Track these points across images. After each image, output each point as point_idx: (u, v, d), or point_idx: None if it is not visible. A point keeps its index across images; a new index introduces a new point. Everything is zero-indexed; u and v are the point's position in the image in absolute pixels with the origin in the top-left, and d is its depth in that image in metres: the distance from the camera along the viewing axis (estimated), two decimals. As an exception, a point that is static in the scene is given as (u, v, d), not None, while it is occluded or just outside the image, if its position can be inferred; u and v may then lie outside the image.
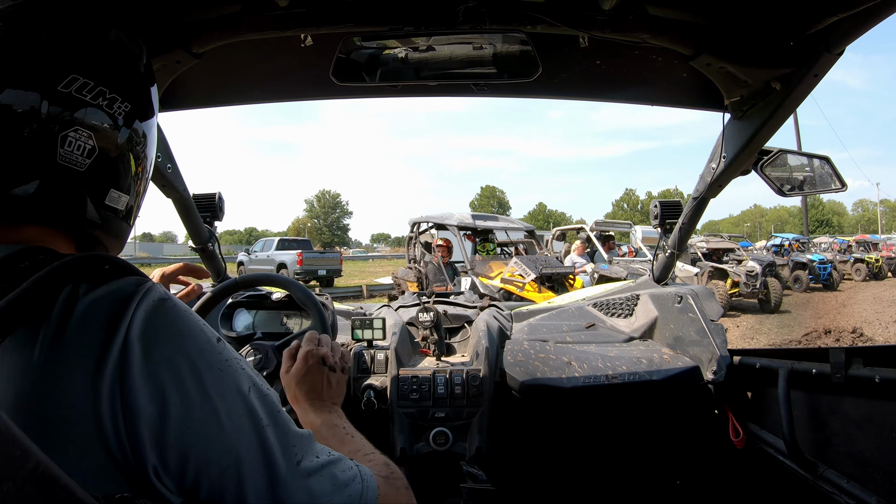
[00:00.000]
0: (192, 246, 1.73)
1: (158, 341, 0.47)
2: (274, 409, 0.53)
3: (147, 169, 0.63)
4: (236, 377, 0.51)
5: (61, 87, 0.51)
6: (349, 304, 2.24)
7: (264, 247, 17.60)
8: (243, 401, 0.50)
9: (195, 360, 0.48)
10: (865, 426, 1.03)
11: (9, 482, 0.28)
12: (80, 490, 0.32)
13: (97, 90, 0.53)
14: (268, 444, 0.50)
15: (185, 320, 0.50)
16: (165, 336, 0.48)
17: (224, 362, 0.51)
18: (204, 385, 0.48)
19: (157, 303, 0.49)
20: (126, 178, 0.58)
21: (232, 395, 0.49)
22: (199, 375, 0.48)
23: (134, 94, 0.58)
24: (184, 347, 0.48)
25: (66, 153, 0.51)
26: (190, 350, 0.49)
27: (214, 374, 0.49)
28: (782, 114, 1.15)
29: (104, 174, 0.55)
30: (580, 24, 1.00)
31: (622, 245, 12.13)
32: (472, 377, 1.43)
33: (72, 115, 0.51)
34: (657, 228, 1.75)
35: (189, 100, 1.36)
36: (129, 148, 0.58)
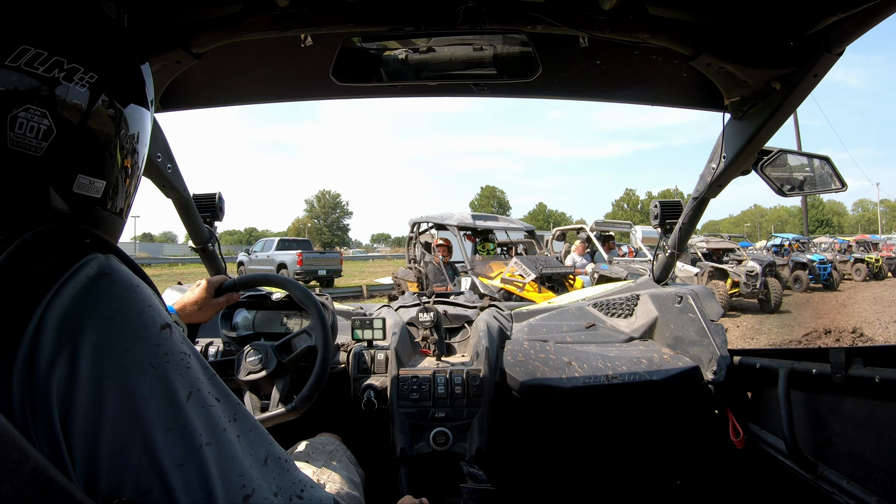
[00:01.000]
0: (192, 246, 1.73)
1: (77, 327, 0.39)
2: (218, 426, 0.43)
3: (137, 159, 0.57)
4: (171, 379, 0.41)
5: (9, 62, 0.44)
6: (349, 304, 2.23)
7: (264, 247, 17.59)
8: (175, 410, 0.40)
9: (120, 354, 0.40)
10: (865, 426, 1.02)
11: (7, 485, 0.28)
12: (79, 492, 0.32)
13: (52, 61, 0.45)
14: (204, 470, 0.40)
15: (122, 300, 0.42)
16: (88, 320, 0.40)
17: (160, 357, 0.42)
18: (127, 384, 0.39)
19: (92, 279, 0.42)
20: (99, 159, 0.51)
21: (160, 402, 0.40)
22: (122, 372, 0.39)
23: (102, 62, 0.50)
24: (110, 336, 0.40)
25: (18, 137, 0.44)
26: (117, 339, 0.40)
27: (142, 372, 0.40)
28: (782, 114, 1.15)
29: (67, 157, 0.48)
30: (580, 24, 1.00)
31: (622, 245, 12.13)
32: (472, 377, 1.43)
33: (21, 93, 0.44)
34: (657, 228, 1.75)
35: (189, 100, 1.36)
36: (103, 126, 0.50)
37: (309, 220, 65.67)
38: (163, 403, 0.40)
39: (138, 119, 0.56)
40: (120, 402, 0.39)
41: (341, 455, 1.23)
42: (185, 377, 0.43)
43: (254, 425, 0.47)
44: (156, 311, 0.44)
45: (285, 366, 1.22)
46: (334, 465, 1.15)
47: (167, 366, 0.42)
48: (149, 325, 0.43)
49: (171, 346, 0.43)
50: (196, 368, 0.44)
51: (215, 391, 0.45)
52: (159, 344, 0.42)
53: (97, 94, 0.49)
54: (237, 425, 0.45)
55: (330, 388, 1.34)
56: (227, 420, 0.44)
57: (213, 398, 0.44)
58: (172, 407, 0.41)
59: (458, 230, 7.85)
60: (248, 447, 0.44)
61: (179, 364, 0.43)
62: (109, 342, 0.40)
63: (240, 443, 0.44)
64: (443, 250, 7.23)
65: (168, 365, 0.42)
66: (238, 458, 0.42)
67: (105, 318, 0.41)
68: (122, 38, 0.54)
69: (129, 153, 0.55)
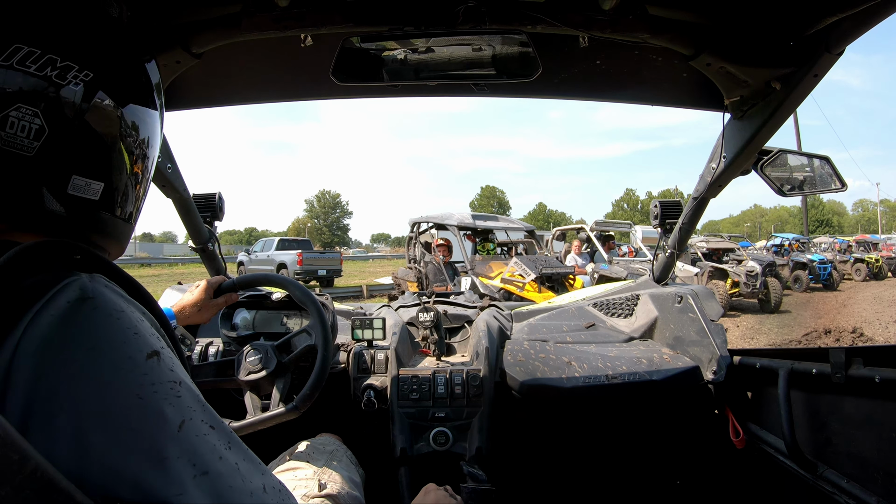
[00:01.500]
0: (192, 246, 1.73)
1: (55, 359, 0.37)
2: (214, 454, 0.40)
3: (143, 161, 0.56)
4: (161, 409, 0.39)
5: (1, 61, 0.43)
6: (349, 304, 2.23)
7: (264, 247, 17.59)
8: (167, 441, 0.38)
9: (103, 386, 0.38)
10: (865, 426, 1.02)
11: (7, 486, 0.28)
12: (79, 493, 0.32)
13: (45, 59, 0.45)
14: (203, 501, 0.38)
15: (103, 328, 0.40)
16: (66, 351, 0.38)
17: (147, 388, 0.39)
18: (112, 418, 0.37)
19: (73, 304, 0.40)
20: (95, 160, 0.49)
21: (150, 434, 0.38)
22: (106, 406, 0.37)
23: (98, 60, 0.49)
24: (90, 367, 0.38)
25: (9, 136, 0.44)
26: (98, 371, 0.38)
27: (128, 404, 0.38)
28: (782, 114, 1.15)
29: (60, 157, 0.47)
30: (580, 24, 1.00)
31: (622, 245, 12.14)
32: (472, 377, 1.43)
33: (12, 92, 0.44)
34: (657, 228, 1.75)
35: (189, 100, 1.36)
36: (100, 125, 0.49)
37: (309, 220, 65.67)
38: (154, 435, 0.38)
39: (143, 119, 0.55)
40: (106, 438, 0.36)
41: (342, 455, 1.23)
42: (175, 406, 0.40)
43: (247, 453, 0.45)
44: (141, 339, 0.42)
45: (286, 365, 1.22)
46: (335, 464, 1.15)
47: (155, 396, 0.39)
48: (133, 354, 0.40)
49: (159, 375, 0.41)
50: (187, 397, 0.42)
51: (208, 419, 0.43)
52: (145, 374, 0.40)
53: (92, 93, 0.48)
54: (233, 453, 0.43)
55: (330, 388, 1.34)
56: (223, 448, 0.42)
57: (206, 426, 0.42)
58: (164, 438, 0.38)
59: (458, 230, 7.85)
60: (247, 475, 0.43)
61: (169, 393, 0.40)
62: (90, 375, 0.38)
63: (238, 470, 0.42)
64: (443, 250, 7.23)
65: (156, 395, 0.40)
66: (237, 487, 0.40)
67: (85, 348, 0.39)
68: (123, 37, 0.53)
69: (133, 155, 0.54)
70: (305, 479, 1.06)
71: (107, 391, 0.38)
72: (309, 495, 1.00)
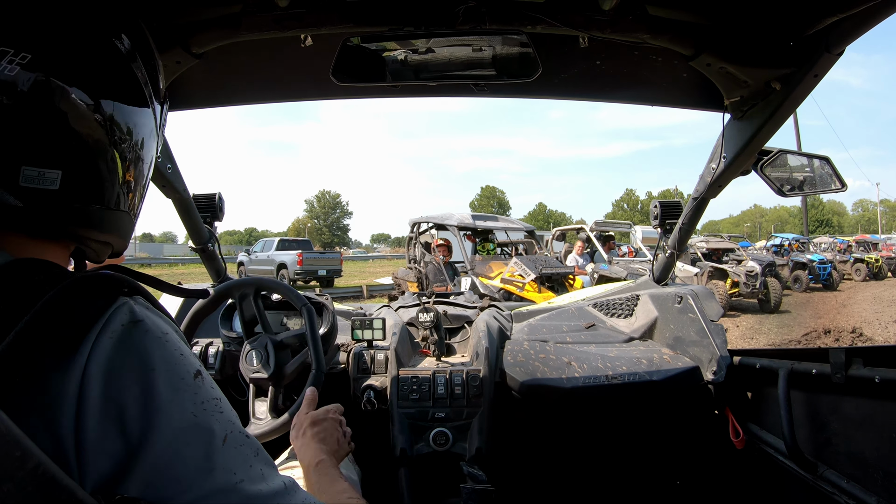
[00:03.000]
0: (192, 246, 1.73)
1: (122, 382, 0.40)
2: (247, 462, 0.45)
3: (127, 149, 0.52)
4: (210, 425, 0.44)
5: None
6: (349, 304, 2.24)
7: (264, 247, 17.58)
8: (216, 454, 0.43)
9: (165, 405, 0.41)
10: (865, 426, 1.03)
11: (9, 483, 0.28)
12: (81, 490, 0.32)
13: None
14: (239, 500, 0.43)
15: (158, 350, 0.44)
16: (131, 373, 0.41)
17: (199, 406, 0.43)
18: (174, 436, 0.41)
19: (126, 327, 0.42)
20: (46, 148, 0.46)
21: (203, 448, 0.42)
22: (168, 424, 0.41)
23: (44, 39, 0.45)
24: (153, 389, 0.41)
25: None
26: (160, 391, 0.42)
27: (186, 422, 0.42)
28: (782, 114, 1.15)
29: (4, 148, 0.44)
30: (580, 24, 1.00)
31: (622, 245, 12.14)
32: (472, 377, 1.43)
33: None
34: (657, 229, 1.75)
35: (189, 100, 1.36)
36: (51, 110, 0.46)
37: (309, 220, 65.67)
38: (206, 449, 0.42)
39: (117, 100, 0.51)
40: (168, 453, 0.40)
41: None
42: (220, 422, 0.45)
43: (267, 458, 0.49)
44: (187, 360, 0.45)
45: (282, 375, 1.23)
46: None
47: (205, 413, 0.44)
48: (184, 375, 0.44)
49: (206, 392, 0.45)
50: (227, 411, 0.46)
51: (242, 429, 0.47)
52: (196, 392, 0.44)
53: (33, 77, 0.44)
54: (258, 460, 0.47)
55: (330, 389, 1.34)
56: (252, 456, 0.46)
57: (243, 437, 0.47)
58: (213, 451, 0.43)
59: (458, 230, 7.86)
60: (269, 478, 0.47)
61: (214, 410, 0.45)
62: (153, 395, 0.41)
63: (263, 476, 0.46)
64: (443, 250, 7.24)
65: (206, 412, 0.44)
66: (265, 491, 0.45)
67: (147, 370, 0.42)
68: (73, 14, 0.48)
69: (109, 140, 0.50)
70: (301, 478, 1.06)
71: (169, 410, 0.42)
72: None
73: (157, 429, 0.41)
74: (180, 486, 0.40)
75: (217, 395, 0.46)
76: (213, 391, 0.46)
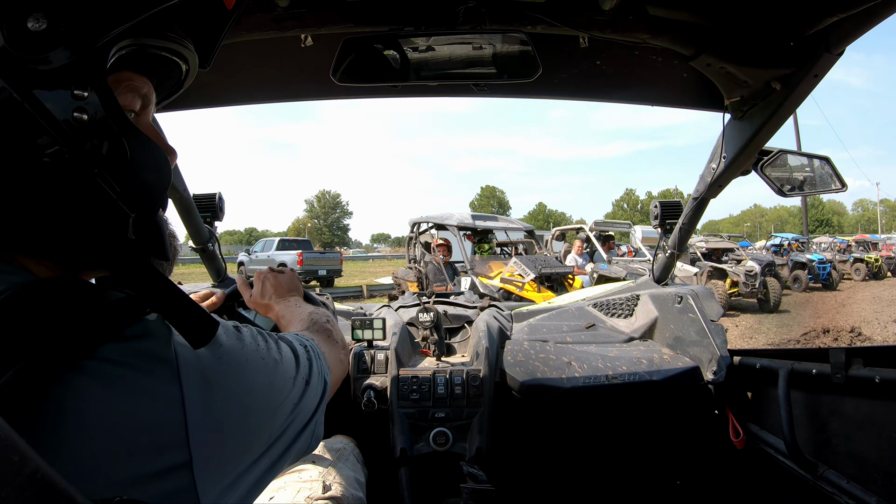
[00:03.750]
0: (192, 246, 1.73)
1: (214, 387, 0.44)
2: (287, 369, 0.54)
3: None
4: (287, 373, 0.52)
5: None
6: (349, 304, 2.23)
7: (265, 247, 17.59)
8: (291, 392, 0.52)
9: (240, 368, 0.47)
10: (865, 426, 1.03)
11: (7, 488, 0.28)
12: (80, 496, 0.32)
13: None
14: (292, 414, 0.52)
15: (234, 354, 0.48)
16: (223, 379, 0.45)
17: (275, 364, 0.51)
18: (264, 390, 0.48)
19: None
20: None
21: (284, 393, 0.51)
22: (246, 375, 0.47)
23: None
24: (238, 390, 0.46)
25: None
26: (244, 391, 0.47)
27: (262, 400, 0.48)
28: (782, 114, 1.15)
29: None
30: (580, 24, 1.00)
31: (621, 245, 12.15)
32: (472, 377, 1.43)
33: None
34: (657, 229, 1.75)
35: (189, 100, 1.35)
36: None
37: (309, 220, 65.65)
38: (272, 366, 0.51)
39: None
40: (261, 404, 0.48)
41: (349, 454, 1.24)
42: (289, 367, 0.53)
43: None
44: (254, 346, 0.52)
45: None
46: (341, 465, 1.16)
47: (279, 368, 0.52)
48: (240, 337, 0.50)
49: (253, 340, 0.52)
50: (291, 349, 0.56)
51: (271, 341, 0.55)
52: (251, 344, 0.51)
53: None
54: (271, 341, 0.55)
55: None
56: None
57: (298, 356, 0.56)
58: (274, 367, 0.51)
59: (457, 230, 7.86)
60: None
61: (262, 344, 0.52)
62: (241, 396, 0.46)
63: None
64: (443, 250, 7.24)
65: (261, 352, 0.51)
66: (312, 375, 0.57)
67: (232, 370, 0.46)
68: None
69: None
70: (310, 480, 1.06)
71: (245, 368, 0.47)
72: (313, 497, 1.01)
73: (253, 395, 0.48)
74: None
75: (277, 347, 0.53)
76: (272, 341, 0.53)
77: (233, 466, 0.44)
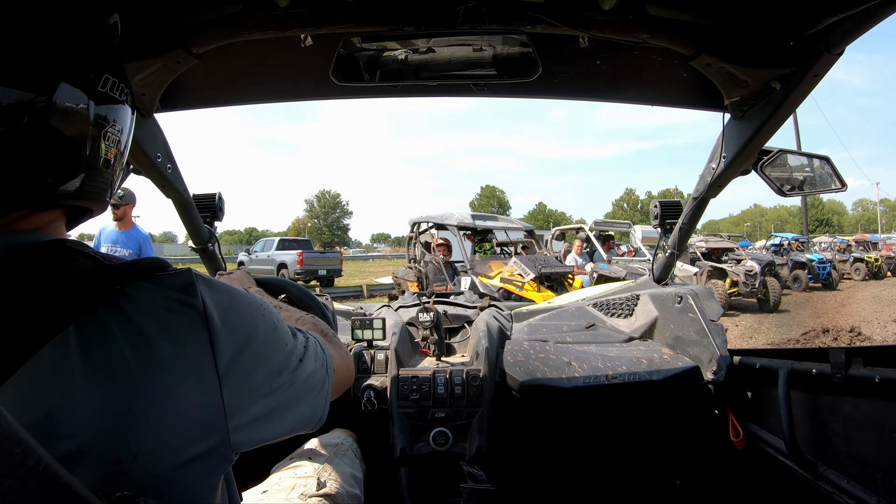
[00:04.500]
0: (192, 246, 1.73)
1: (237, 320, 0.51)
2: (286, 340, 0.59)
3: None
4: (285, 337, 0.57)
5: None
6: (349, 304, 2.24)
7: (265, 247, 17.59)
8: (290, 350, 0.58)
9: (262, 327, 0.54)
10: (865, 426, 1.03)
11: (10, 479, 0.28)
12: (82, 487, 0.32)
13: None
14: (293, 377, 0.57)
15: (238, 293, 0.55)
16: (239, 313, 0.52)
17: (271, 315, 0.56)
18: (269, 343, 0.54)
19: (213, 284, 0.52)
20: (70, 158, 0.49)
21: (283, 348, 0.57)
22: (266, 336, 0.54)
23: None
24: (254, 321, 0.53)
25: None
26: (258, 320, 0.54)
27: (270, 328, 0.55)
28: (782, 114, 1.15)
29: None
30: (580, 24, 1.00)
31: (621, 245, 12.15)
32: (472, 377, 1.43)
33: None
34: (657, 228, 1.75)
35: (189, 100, 1.35)
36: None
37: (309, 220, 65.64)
38: (273, 324, 0.57)
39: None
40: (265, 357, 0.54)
41: (346, 449, 1.24)
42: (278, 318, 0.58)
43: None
44: (244, 291, 0.58)
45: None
46: (338, 461, 1.16)
47: (274, 317, 0.57)
48: (255, 299, 0.56)
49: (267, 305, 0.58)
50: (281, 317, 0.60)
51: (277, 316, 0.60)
52: (269, 309, 0.57)
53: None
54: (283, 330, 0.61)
55: None
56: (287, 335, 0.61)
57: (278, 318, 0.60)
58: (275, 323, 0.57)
59: (457, 230, 7.86)
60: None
61: (283, 326, 0.59)
62: (258, 326, 0.54)
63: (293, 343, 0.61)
64: (443, 250, 7.24)
65: (274, 315, 0.58)
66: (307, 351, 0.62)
67: (245, 310, 0.53)
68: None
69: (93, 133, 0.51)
70: (305, 476, 1.06)
71: (264, 328, 0.54)
72: (307, 494, 1.00)
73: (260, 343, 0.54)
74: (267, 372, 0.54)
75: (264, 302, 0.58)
76: (266, 302, 0.59)
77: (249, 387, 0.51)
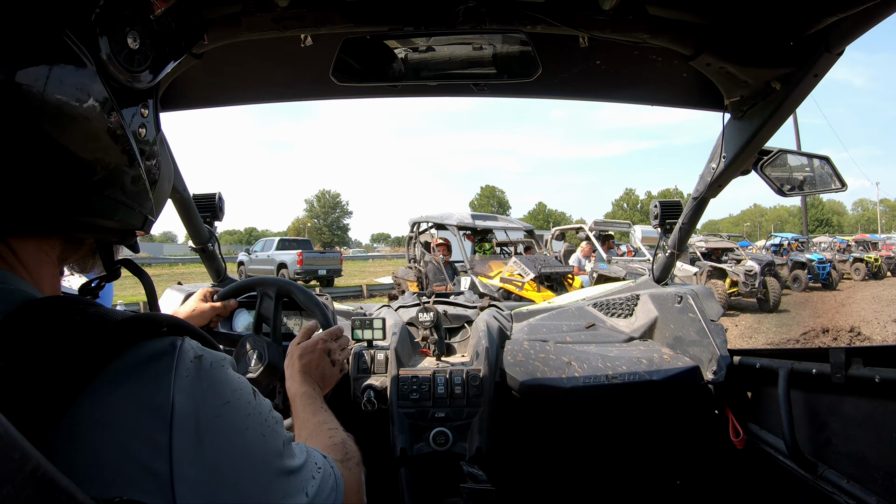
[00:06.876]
0: (192, 246, 1.73)
1: (207, 421, 0.43)
2: (289, 461, 0.50)
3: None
4: (274, 439, 0.49)
5: None
6: (349, 303, 2.24)
7: (264, 247, 17.59)
8: (277, 459, 0.48)
9: (241, 432, 0.45)
10: (865, 426, 1.03)
11: (8, 485, 0.28)
12: (80, 493, 0.32)
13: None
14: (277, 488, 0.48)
15: (227, 382, 0.47)
16: (212, 408, 0.44)
17: (263, 426, 0.48)
18: (247, 456, 0.45)
19: (195, 363, 0.45)
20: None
21: (270, 459, 0.47)
22: (243, 448, 0.45)
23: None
24: (231, 419, 0.45)
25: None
26: (235, 419, 0.46)
27: (256, 442, 0.47)
28: (782, 114, 1.15)
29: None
30: (580, 24, 1.00)
31: (621, 244, 12.15)
32: (472, 377, 1.43)
33: None
34: (657, 228, 1.75)
35: (189, 100, 1.35)
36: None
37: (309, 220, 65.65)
38: (273, 459, 0.48)
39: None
40: (244, 470, 0.45)
41: None
42: (278, 432, 0.50)
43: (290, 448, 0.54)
44: (244, 382, 0.49)
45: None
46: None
47: (267, 429, 0.48)
48: (249, 399, 0.48)
49: (262, 408, 0.49)
50: (278, 422, 0.51)
51: (286, 435, 0.52)
52: (259, 413, 0.48)
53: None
54: (294, 449, 0.53)
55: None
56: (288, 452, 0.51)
57: (285, 438, 0.51)
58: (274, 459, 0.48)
59: (457, 230, 7.86)
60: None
61: (272, 425, 0.49)
62: (232, 425, 0.45)
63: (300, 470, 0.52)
64: (442, 250, 7.24)
65: (267, 427, 0.48)
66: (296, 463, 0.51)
67: (222, 403, 0.45)
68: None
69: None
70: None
71: (244, 436, 0.46)
72: None
73: (232, 456, 0.44)
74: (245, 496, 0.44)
75: (268, 407, 0.51)
76: (265, 404, 0.51)
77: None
